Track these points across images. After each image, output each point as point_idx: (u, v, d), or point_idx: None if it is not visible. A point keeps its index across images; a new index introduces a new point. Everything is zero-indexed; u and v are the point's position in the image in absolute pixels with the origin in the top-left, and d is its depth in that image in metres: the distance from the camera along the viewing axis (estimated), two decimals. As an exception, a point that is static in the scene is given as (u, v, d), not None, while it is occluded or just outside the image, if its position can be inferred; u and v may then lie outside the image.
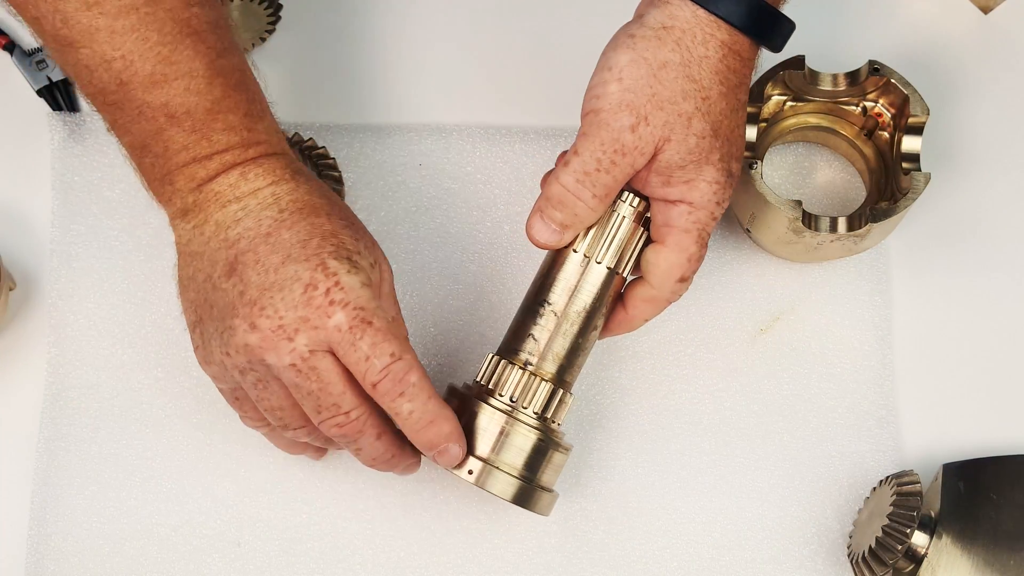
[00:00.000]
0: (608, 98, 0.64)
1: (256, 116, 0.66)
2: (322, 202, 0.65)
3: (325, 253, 0.62)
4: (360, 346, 0.61)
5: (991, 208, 0.82)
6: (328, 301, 0.61)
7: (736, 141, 0.67)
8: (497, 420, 0.66)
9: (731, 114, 0.66)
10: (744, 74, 0.66)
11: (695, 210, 0.66)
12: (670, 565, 0.74)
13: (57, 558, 0.73)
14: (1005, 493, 0.71)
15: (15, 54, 0.83)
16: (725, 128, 0.66)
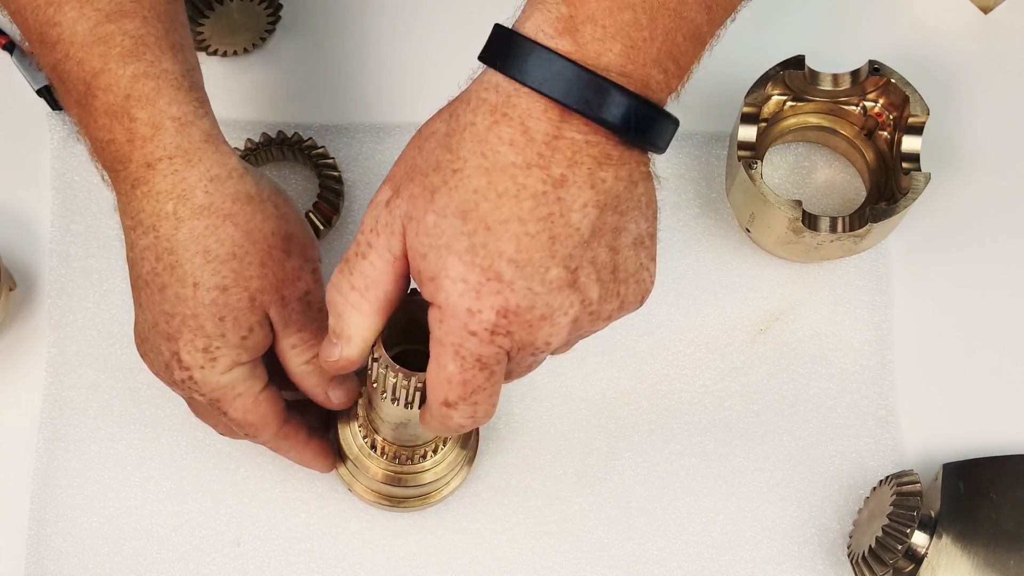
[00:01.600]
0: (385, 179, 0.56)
1: (142, 98, 0.60)
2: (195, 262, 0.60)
3: (181, 342, 0.62)
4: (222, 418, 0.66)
5: (991, 208, 0.82)
6: (186, 387, 0.64)
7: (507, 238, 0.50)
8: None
9: (496, 199, 0.50)
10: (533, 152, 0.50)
11: (445, 318, 0.52)
12: (670, 565, 0.74)
13: (57, 558, 0.73)
14: (1005, 493, 0.71)
15: (15, 54, 0.83)
16: (483, 212, 0.50)
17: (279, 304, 0.63)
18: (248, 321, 0.62)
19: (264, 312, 0.63)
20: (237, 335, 0.62)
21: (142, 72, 0.60)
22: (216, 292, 0.61)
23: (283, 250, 0.63)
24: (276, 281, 0.63)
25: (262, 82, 0.84)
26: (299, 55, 0.84)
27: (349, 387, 0.67)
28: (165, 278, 0.61)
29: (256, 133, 0.81)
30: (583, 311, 0.53)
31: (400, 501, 0.73)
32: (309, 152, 0.80)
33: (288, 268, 0.63)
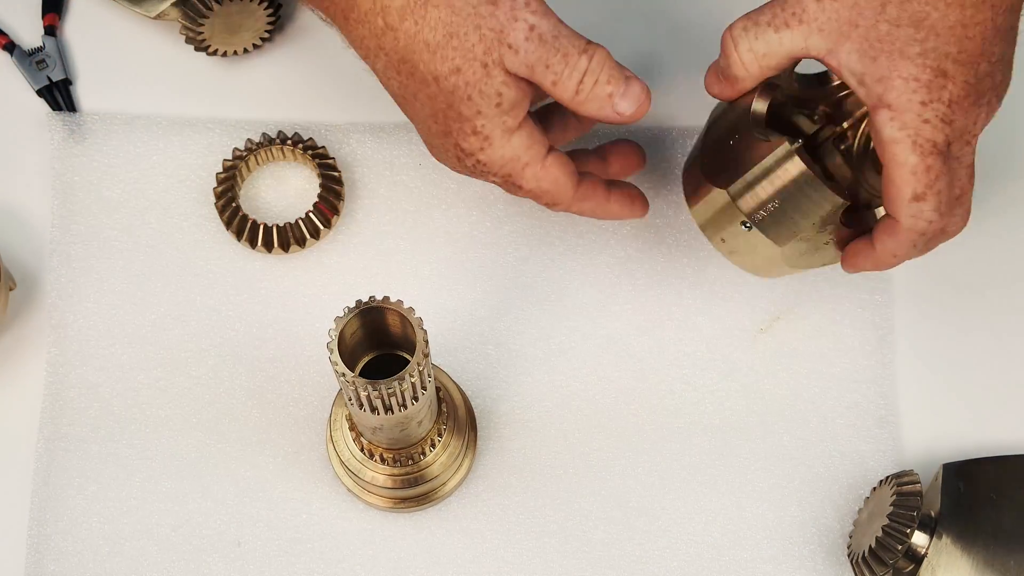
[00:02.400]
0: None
1: None
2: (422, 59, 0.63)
3: (455, 133, 0.65)
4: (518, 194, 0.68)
5: (991, 207, 0.82)
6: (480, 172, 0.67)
7: (954, 40, 0.59)
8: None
9: (945, 7, 0.59)
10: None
11: (896, 114, 0.60)
12: (670, 565, 0.74)
13: (57, 558, 0.73)
14: (1005, 493, 0.71)
15: (15, 54, 0.83)
16: (933, 20, 0.59)
17: (511, 54, 0.63)
18: (492, 87, 0.63)
19: (503, 69, 0.63)
20: (491, 105, 0.64)
21: None
22: (453, 76, 0.63)
23: (489, 2, 0.64)
24: (496, 35, 0.63)
25: (262, 82, 0.84)
26: (299, 55, 0.84)
27: (634, 93, 0.66)
28: (413, 86, 0.65)
29: (256, 133, 0.81)
30: (995, 96, 0.63)
31: (404, 501, 0.73)
32: (309, 152, 0.80)
33: (501, 16, 0.63)
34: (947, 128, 0.60)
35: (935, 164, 0.60)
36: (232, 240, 0.79)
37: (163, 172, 0.80)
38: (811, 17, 0.61)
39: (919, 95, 0.59)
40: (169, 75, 0.83)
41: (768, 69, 0.64)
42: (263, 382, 0.77)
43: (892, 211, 0.62)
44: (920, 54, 0.59)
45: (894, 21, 0.59)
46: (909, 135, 0.60)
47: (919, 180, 0.61)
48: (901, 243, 0.64)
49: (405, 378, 0.59)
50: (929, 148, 0.60)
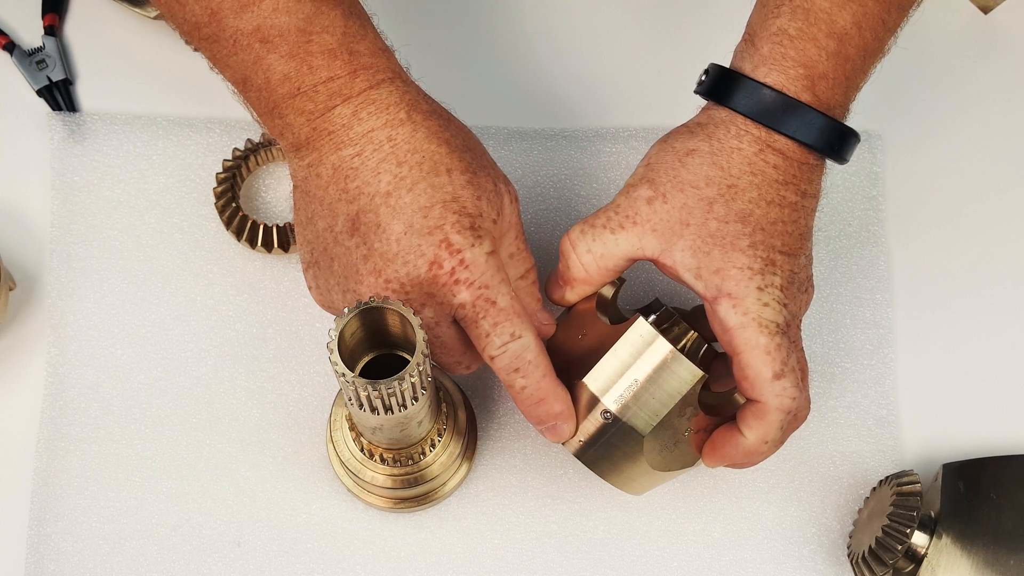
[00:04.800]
0: (634, 177, 0.65)
1: (356, 34, 0.63)
2: (441, 152, 0.63)
3: (448, 226, 0.62)
4: (482, 324, 0.63)
5: (991, 207, 0.82)
6: (453, 280, 0.62)
7: (778, 234, 0.63)
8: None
9: (766, 206, 0.63)
10: (791, 174, 0.64)
11: (737, 301, 0.62)
12: (670, 565, 0.74)
13: (57, 558, 0.73)
14: (1005, 493, 0.71)
15: (15, 54, 0.83)
16: (757, 217, 0.63)
17: (508, 198, 0.65)
18: (497, 204, 0.64)
19: (502, 203, 0.65)
20: (491, 215, 0.64)
21: (348, 12, 0.64)
22: (469, 175, 0.63)
23: (491, 158, 0.67)
24: (503, 177, 0.66)
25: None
26: (299, 55, 0.84)
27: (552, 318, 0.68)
28: (416, 175, 0.62)
29: (256, 133, 0.81)
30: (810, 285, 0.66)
31: (404, 501, 0.73)
32: (309, 152, 0.80)
33: (500, 171, 0.66)
34: (784, 311, 0.63)
35: (783, 342, 0.63)
36: (232, 240, 0.79)
37: (163, 172, 0.80)
38: (644, 219, 0.64)
39: (755, 282, 0.62)
40: (169, 75, 0.83)
41: (606, 271, 0.65)
42: (263, 382, 0.77)
43: (756, 395, 0.63)
44: (750, 246, 0.62)
45: (722, 218, 0.62)
46: (753, 319, 0.62)
47: (774, 358, 0.62)
48: (770, 425, 0.64)
49: (405, 378, 0.59)
50: (773, 328, 0.62)
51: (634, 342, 0.64)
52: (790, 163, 0.64)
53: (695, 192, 0.63)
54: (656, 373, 0.63)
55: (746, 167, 0.63)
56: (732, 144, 0.64)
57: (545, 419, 0.65)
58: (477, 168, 0.64)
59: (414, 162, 0.63)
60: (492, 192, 0.64)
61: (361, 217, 0.62)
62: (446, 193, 0.62)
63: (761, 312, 0.62)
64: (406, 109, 0.63)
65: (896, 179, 0.83)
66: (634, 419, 0.64)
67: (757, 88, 0.63)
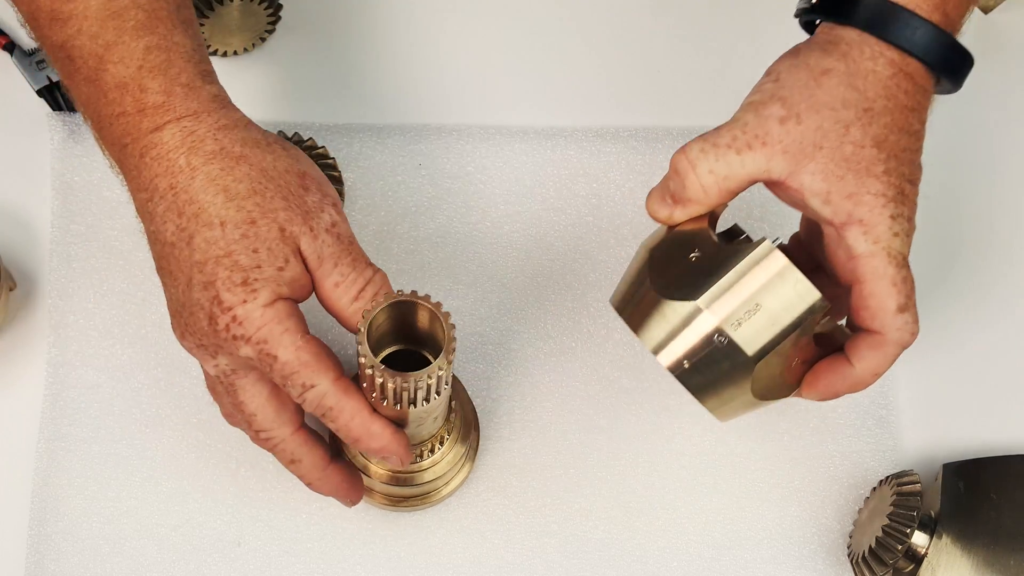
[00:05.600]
0: (762, 93, 0.62)
1: (153, 69, 0.61)
2: (216, 203, 0.60)
3: (219, 283, 0.60)
4: (274, 376, 0.61)
5: (991, 207, 0.82)
6: (231, 336, 0.61)
7: (907, 162, 0.62)
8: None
9: (899, 133, 0.62)
10: (918, 100, 0.62)
11: (868, 228, 0.60)
12: (670, 565, 0.74)
13: (57, 558, 0.73)
14: (1005, 493, 0.71)
15: (15, 54, 0.83)
16: (891, 144, 0.61)
17: (309, 236, 0.62)
18: (282, 252, 0.61)
19: (296, 245, 0.62)
20: (273, 266, 0.61)
21: (154, 44, 0.61)
22: (245, 226, 0.60)
23: (301, 186, 0.63)
24: (302, 213, 0.62)
25: (262, 82, 0.84)
26: (299, 55, 0.84)
27: None
28: (192, 228, 0.61)
29: (256, 133, 0.81)
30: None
31: (404, 500, 0.73)
32: (309, 152, 0.80)
33: (310, 202, 0.63)
34: (908, 243, 0.62)
35: (909, 276, 0.61)
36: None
37: (163, 172, 0.80)
38: (775, 139, 0.61)
39: (888, 209, 0.60)
40: (169, 75, 0.83)
41: (727, 192, 0.62)
42: (263, 382, 0.77)
43: (876, 325, 0.61)
44: (885, 172, 0.61)
45: (858, 143, 0.60)
46: (883, 248, 0.60)
47: (900, 291, 0.61)
48: (886, 358, 0.62)
49: (434, 372, 0.59)
50: (901, 260, 0.61)
51: (759, 265, 0.60)
52: (918, 89, 0.62)
53: (831, 114, 0.61)
54: (779, 300, 0.60)
55: (881, 90, 0.61)
56: (867, 66, 0.61)
57: (373, 453, 0.64)
58: (258, 216, 0.61)
59: (191, 213, 0.61)
60: (276, 240, 0.61)
61: (159, 262, 0.63)
62: (219, 248, 0.60)
63: (891, 242, 0.60)
64: (185, 153, 0.61)
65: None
66: (749, 345, 0.60)
67: (889, 7, 0.61)
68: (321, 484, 0.67)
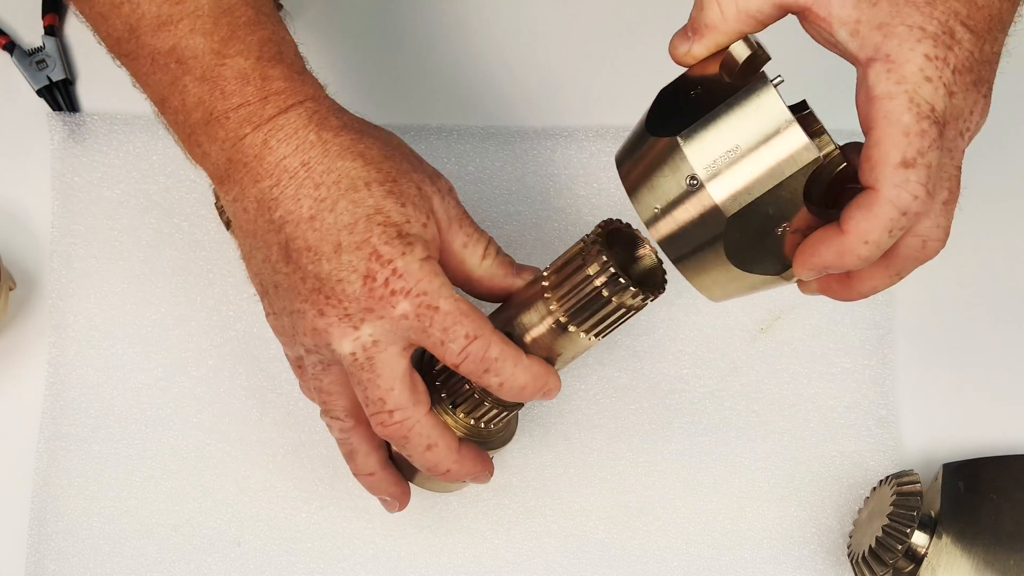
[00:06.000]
0: None
1: (271, 59, 0.62)
2: (356, 166, 0.61)
3: (375, 238, 0.60)
4: (432, 332, 0.60)
5: (991, 207, 0.82)
6: (390, 291, 0.60)
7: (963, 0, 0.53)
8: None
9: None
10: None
11: (895, 66, 0.52)
12: (670, 565, 0.74)
13: (57, 558, 0.73)
14: (1005, 493, 0.71)
15: (15, 54, 0.83)
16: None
17: (439, 196, 0.63)
18: (423, 207, 0.62)
19: (430, 205, 0.62)
20: (419, 220, 0.61)
21: (267, 38, 0.63)
22: (389, 183, 0.61)
23: (416, 157, 0.65)
24: (429, 175, 0.63)
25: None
26: (299, 55, 0.84)
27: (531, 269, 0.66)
28: (335, 194, 0.61)
29: (256, 133, 0.81)
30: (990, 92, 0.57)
31: None
32: (309, 152, 0.80)
33: (428, 168, 0.64)
34: (947, 99, 0.53)
35: (930, 130, 0.52)
36: (232, 240, 0.79)
37: (163, 172, 0.80)
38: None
39: (923, 46, 0.52)
40: (169, 75, 0.83)
41: (747, 16, 0.55)
42: (263, 382, 0.77)
43: (873, 179, 0.52)
44: (927, 3, 0.52)
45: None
46: (907, 90, 0.52)
47: (911, 143, 0.52)
48: (878, 221, 0.53)
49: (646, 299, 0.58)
50: (927, 111, 0.52)
51: (750, 103, 0.53)
52: None
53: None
54: (763, 143, 0.53)
55: None
56: None
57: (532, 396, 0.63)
58: (397, 175, 0.62)
59: (331, 182, 0.61)
60: (416, 196, 0.62)
61: (291, 244, 0.62)
62: (368, 207, 0.61)
63: (919, 86, 0.52)
64: (315, 130, 0.62)
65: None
66: (720, 192, 0.53)
67: None
68: (459, 468, 0.64)
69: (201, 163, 0.64)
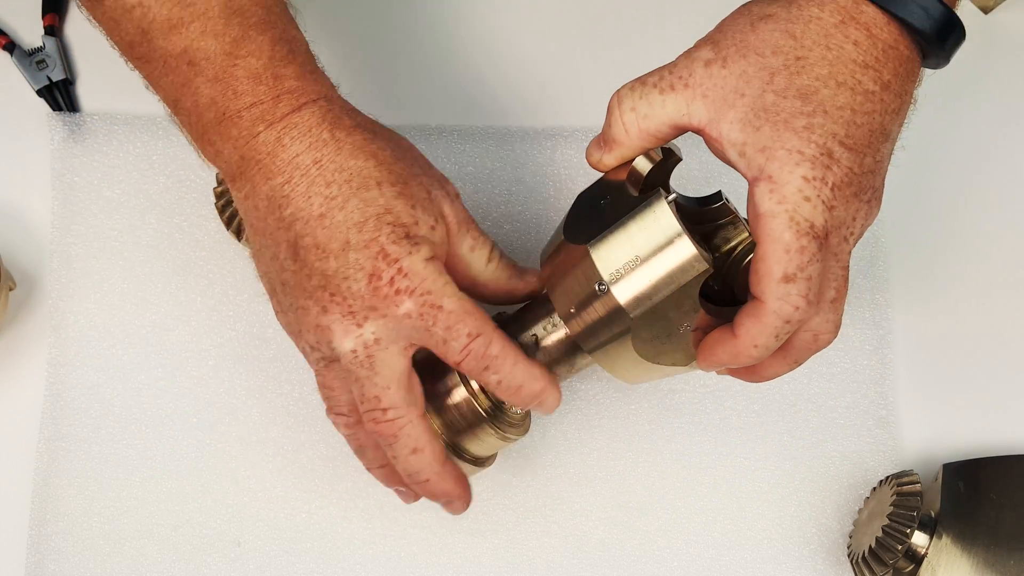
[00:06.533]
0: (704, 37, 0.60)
1: (283, 59, 0.62)
2: (368, 166, 0.62)
3: (383, 237, 0.60)
4: (435, 331, 0.60)
5: (991, 207, 0.82)
6: (395, 290, 0.60)
7: (843, 122, 0.57)
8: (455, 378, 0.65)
9: (836, 87, 0.57)
10: (872, 54, 0.57)
11: (776, 187, 0.56)
12: (670, 565, 0.74)
13: (57, 558, 0.73)
14: (1005, 493, 0.71)
15: (15, 54, 0.83)
16: (823, 98, 0.56)
17: (448, 200, 0.63)
18: (433, 211, 0.62)
19: (440, 209, 0.63)
20: (428, 222, 0.62)
21: (278, 37, 0.63)
22: (400, 184, 0.62)
23: (425, 160, 0.65)
24: (438, 180, 0.64)
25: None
26: (299, 55, 0.84)
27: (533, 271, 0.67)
28: (346, 192, 0.61)
29: (256, 133, 0.81)
30: (873, 197, 0.59)
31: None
32: (309, 152, 0.80)
33: (436, 172, 0.65)
34: (827, 213, 0.56)
35: (810, 246, 0.56)
36: (232, 240, 0.79)
37: (163, 172, 0.80)
38: (697, 82, 0.59)
39: (802, 169, 0.56)
40: (169, 75, 0.83)
41: (647, 134, 0.60)
42: (263, 382, 0.77)
43: (759, 291, 0.57)
44: (806, 127, 0.56)
45: (781, 92, 0.57)
46: (787, 210, 0.56)
47: (791, 259, 0.56)
48: (764, 329, 0.57)
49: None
50: (806, 228, 0.56)
51: (647, 217, 0.59)
52: (874, 42, 0.57)
53: (758, 60, 0.57)
54: (659, 255, 0.58)
55: (821, 38, 0.57)
56: (812, 12, 0.57)
57: (529, 402, 0.63)
58: (408, 178, 0.62)
59: (342, 180, 0.61)
60: (426, 199, 0.62)
61: (299, 242, 0.62)
62: (378, 206, 0.61)
63: (799, 206, 0.56)
64: (328, 128, 0.62)
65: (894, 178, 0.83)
66: (625, 297, 0.59)
67: None
68: (438, 480, 0.64)
69: (214, 161, 0.64)
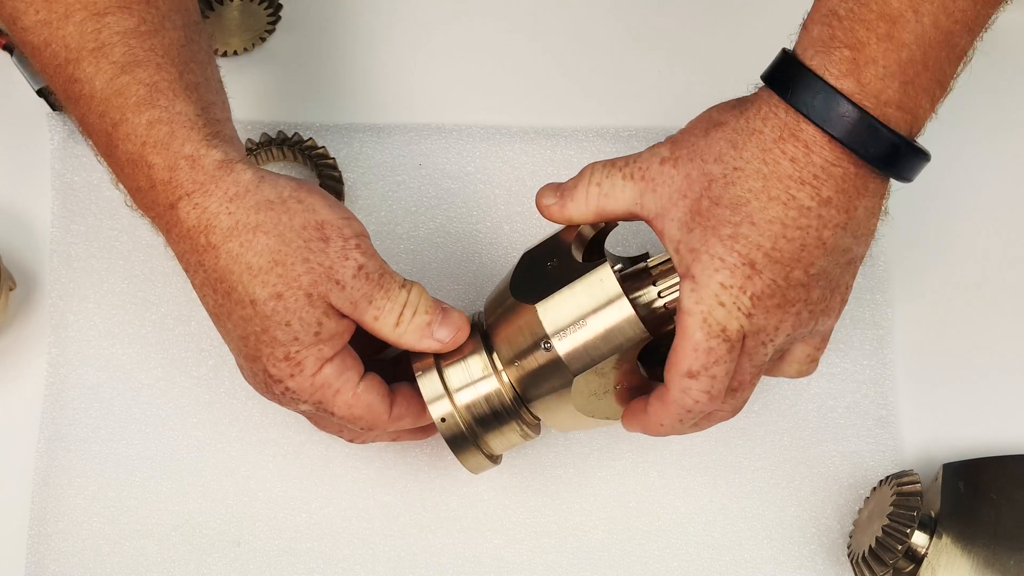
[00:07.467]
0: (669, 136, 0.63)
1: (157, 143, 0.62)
2: (243, 281, 0.62)
3: (264, 359, 0.63)
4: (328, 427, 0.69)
5: (991, 207, 0.82)
6: (289, 399, 0.65)
7: (770, 235, 0.58)
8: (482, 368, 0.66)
9: (767, 200, 0.58)
10: (808, 171, 0.58)
11: (697, 288, 0.59)
12: (670, 565, 0.74)
13: (57, 558, 0.73)
14: (1005, 493, 0.71)
15: (15, 54, 0.83)
16: (752, 209, 0.58)
17: (337, 289, 0.63)
18: (313, 317, 0.62)
19: (326, 303, 0.63)
20: (309, 334, 0.62)
21: (156, 118, 0.62)
22: (272, 301, 0.62)
23: (321, 239, 0.63)
24: (324, 270, 0.63)
25: (262, 82, 0.84)
26: (299, 55, 0.84)
27: (452, 320, 0.66)
28: (227, 305, 0.63)
29: (256, 133, 0.81)
30: (805, 309, 0.60)
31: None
32: (309, 152, 0.80)
33: (332, 254, 0.63)
34: (743, 319, 0.59)
35: (717, 348, 0.59)
36: (232, 240, 0.79)
37: (163, 172, 0.80)
38: (651, 176, 0.62)
39: (720, 275, 0.59)
40: (169, 75, 0.83)
41: (601, 211, 0.64)
42: (263, 382, 0.77)
43: (667, 379, 0.61)
44: (731, 236, 0.59)
45: (715, 199, 0.59)
46: (702, 311, 0.59)
47: (698, 358, 0.59)
48: (668, 412, 0.62)
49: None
50: (717, 331, 0.59)
51: (593, 284, 0.63)
52: (811, 159, 0.58)
53: (702, 165, 0.60)
54: (602, 321, 0.62)
55: (759, 152, 0.59)
56: (755, 125, 0.59)
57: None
58: (283, 288, 0.62)
59: (223, 291, 0.63)
60: (305, 307, 0.62)
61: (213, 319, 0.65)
62: (255, 325, 0.62)
63: (713, 309, 0.59)
64: (204, 234, 0.62)
65: (896, 179, 0.83)
66: (570, 358, 0.63)
67: (793, 67, 0.58)
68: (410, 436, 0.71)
69: None
